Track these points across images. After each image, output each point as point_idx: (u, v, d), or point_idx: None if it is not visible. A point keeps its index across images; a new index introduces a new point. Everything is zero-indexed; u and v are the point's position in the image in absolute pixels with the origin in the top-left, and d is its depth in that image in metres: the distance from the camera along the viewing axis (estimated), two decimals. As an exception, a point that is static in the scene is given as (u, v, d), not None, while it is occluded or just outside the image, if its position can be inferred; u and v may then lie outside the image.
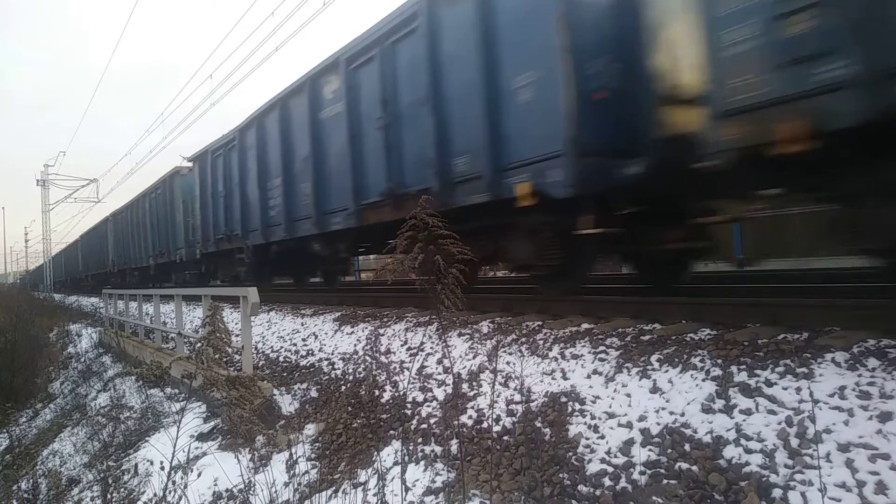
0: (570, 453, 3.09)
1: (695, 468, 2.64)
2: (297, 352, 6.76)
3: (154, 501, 4.50)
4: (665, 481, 2.67)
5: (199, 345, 4.75)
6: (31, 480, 6.45)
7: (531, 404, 3.60)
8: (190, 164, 14.61)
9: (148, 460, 5.25)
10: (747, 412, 2.77)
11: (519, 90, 5.18)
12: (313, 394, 5.53)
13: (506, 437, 3.47)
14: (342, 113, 7.80)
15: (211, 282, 14.87)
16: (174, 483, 4.38)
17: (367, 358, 5.49)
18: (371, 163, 7.34)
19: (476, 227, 5.77)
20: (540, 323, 4.75)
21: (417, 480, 3.50)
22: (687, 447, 2.77)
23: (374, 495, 3.47)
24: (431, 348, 5.02)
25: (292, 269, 12.07)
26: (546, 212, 5.11)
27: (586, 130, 4.72)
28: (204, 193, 13.42)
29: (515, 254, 5.76)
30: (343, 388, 5.25)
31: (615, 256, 6.99)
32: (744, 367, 3.07)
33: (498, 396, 3.80)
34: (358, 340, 6.05)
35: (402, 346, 5.38)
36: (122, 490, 5.06)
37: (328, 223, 8.49)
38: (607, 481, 2.83)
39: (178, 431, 2.60)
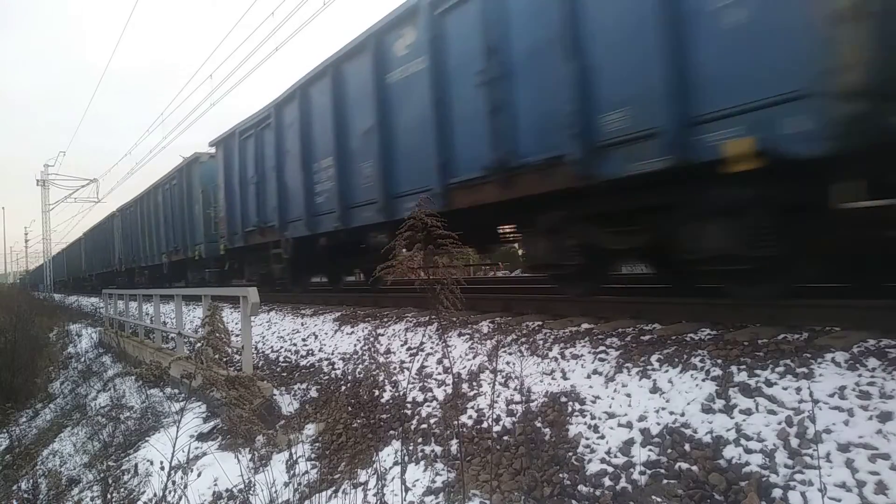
0: (570, 453, 3.08)
1: (695, 468, 2.64)
2: (297, 352, 6.76)
3: (154, 501, 4.50)
4: (665, 481, 2.67)
5: (198, 345, 4.76)
6: (31, 480, 6.45)
7: (531, 404, 3.60)
8: (212, 151, 12.93)
9: (148, 460, 5.25)
10: (747, 412, 2.77)
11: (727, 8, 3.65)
12: (313, 394, 5.53)
13: (506, 437, 3.47)
14: (423, 71, 6.19)
15: (233, 282, 13.23)
16: (174, 483, 4.38)
17: (367, 358, 5.49)
18: (466, 131, 5.77)
19: (633, 206, 4.52)
20: (540, 323, 4.75)
21: (417, 480, 3.50)
22: (687, 447, 2.76)
23: (374, 495, 3.47)
24: (431, 348, 5.02)
25: (336, 267, 10.59)
26: (774, 180, 3.59)
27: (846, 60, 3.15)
28: (230, 181, 11.61)
29: (706, 242, 4.02)
30: (343, 388, 5.25)
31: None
32: (744, 367, 3.07)
33: (498, 396, 3.80)
34: (358, 340, 6.05)
35: (402, 346, 5.39)
36: (122, 490, 5.05)
37: (399, 209, 6.79)
38: (607, 481, 2.83)
39: (177, 431, 2.60)
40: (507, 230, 7.07)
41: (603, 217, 4.79)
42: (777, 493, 2.35)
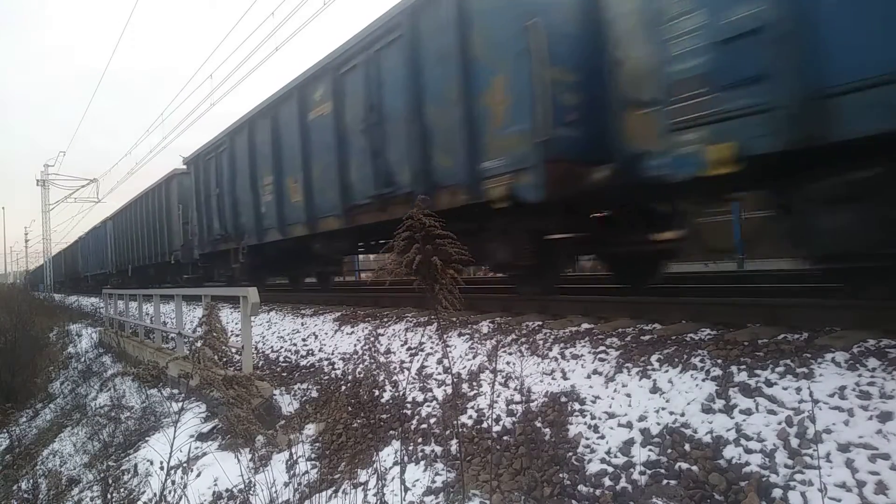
0: (570, 453, 3.08)
1: (695, 468, 2.63)
2: (297, 352, 6.76)
3: (154, 501, 4.50)
4: (665, 481, 2.67)
5: (196, 345, 4.75)
6: (31, 480, 6.46)
7: (531, 404, 3.60)
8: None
9: (148, 460, 5.25)
10: (747, 412, 2.77)
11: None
12: (313, 394, 5.53)
13: (506, 437, 3.47)
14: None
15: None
16: (174, 483, 4.38)
17: (367, 358, 5.49)
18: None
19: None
20: (540, 323, 4.74)
21: (417, 480, 3.50)
22: (687, 447, 2.76)
23: (374, 495, 3.47)
24: (431, 348, 5.02)
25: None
26: None
27: None
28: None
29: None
30: (343, 388, 5.25)
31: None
32: (744, 367, 3.06)
33: (498, 396, 3.79)
34: (358, 340, 6.05)
35: (401, 346, 5.38)
36: (122, 490, 5.05)
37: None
38: (607, 481, 2.83)
39: (175, 431, 2.60)
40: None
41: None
42: (777, 493, 2.34)
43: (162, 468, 4.41)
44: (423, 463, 3.67)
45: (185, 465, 4.58)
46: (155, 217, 18.20)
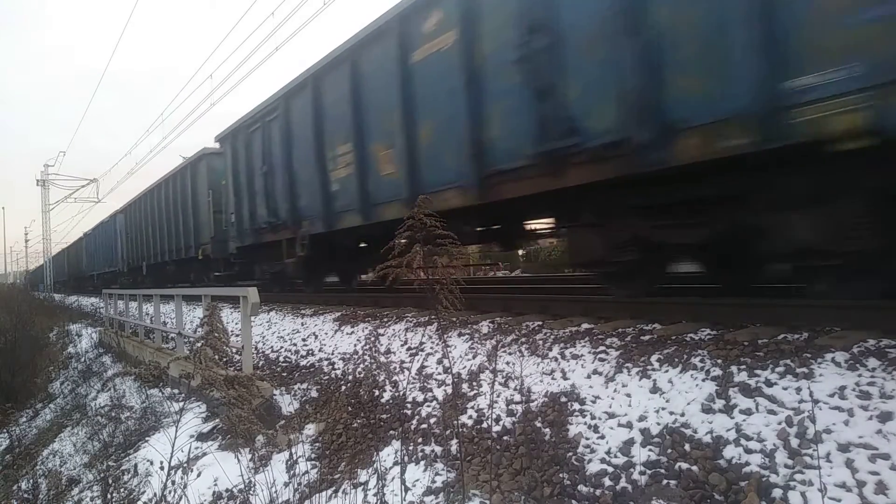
0: (570, 453, 3.08)
1: (695, 468, 2.64)
2: (297, 352, 6.76)
3: (154, 501, 4.50)
4: (665, 481, 2.67)
5: (197, 345, 4.75)
6: (31, 480, 6.46)
7: (531, 404, 3.60)
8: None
9: (148, 460, 5.25)
10: (747, 412, 2.77)
11: None
12: (313, 394, 5.53)
13: (506, 437, 3.47)
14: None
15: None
16: (174, 483, 4.38)
17: (367, 358, 5.49)
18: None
19: None
20: (540, 323, 4.74)
21: (417, 480, 3.50)
22: (687, 447, 2.76)
23: (374, 495, 3.47)
24: (431, 348, 5.02)
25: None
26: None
27: None
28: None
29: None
30: (343, 388, 5.25)
31: None
32: (744, 367, 3.06)
33: (498, 396, 3.80)
34: (358, 340, 6.05)
35: (401, 346, 5.38)
36: (122, 490, 5.05)
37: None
38: (607, 481, 2.83)
39: (176, 431, 2.60)
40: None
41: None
42: (777, 493, 2.34)
43: (162, 468, 4.41)
44: (423, 463, 3.67)
45: (185, 465, 4.58)
46: (177, 206, 15.86)
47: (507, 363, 4.18)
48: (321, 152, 8.08)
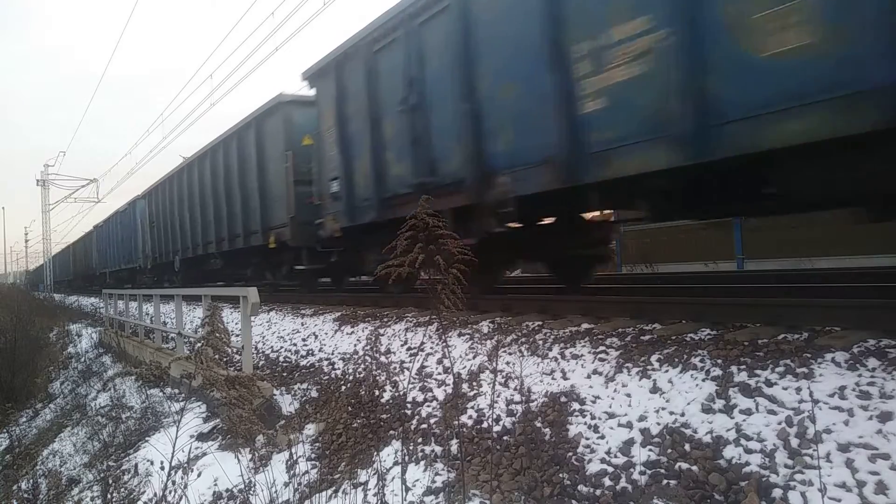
0: (570, 453, 3.08)
1: (695, 468, 2.64)
2: (297, 352, 6.76)
3: (154, 501, 4.50)
4: (665, 481, 2.67)
5: (198, 345, 4.75)
6: (31, 480, 6.46)
7: (531, 404, 3.60)
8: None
9: (148, 460, 5.26)
10: (747, 412, 2.77)
11: None
12: (313, 394, 5.53)
13: (506, 437, 3.47)
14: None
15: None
16: (174, 483, 4.38)
17: (367, 358, 5.49)
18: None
19: None
20: (540, 323, 4.75)
21: (417, 480, 3.50)
22: (687, 447, 2.76)
23: (374, 495, 3.48)
24: (431, 348, 5.02)
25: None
26: None
27: None
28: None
29: None
30: (343, 388, 5.25)
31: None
32: (744, 367, 3.06)
33: (498, 396, 3.80)
34: (358, 340, 6.05)
35: (402, 346, 5.38)
36: (122, 490, 5.06)
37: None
38: (607, 481, 2.83)
39: (177, 431, 2.60)
40: None
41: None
42: (777, 493, 2.35)
43: (162, 468, 4.42)
44: (423, 463, 3.68)
45: (185, 465, 4.58)
46: (230, 181, 12.03)
47: (508, 363, 4.18)
48: (561, 48, 4.60)
